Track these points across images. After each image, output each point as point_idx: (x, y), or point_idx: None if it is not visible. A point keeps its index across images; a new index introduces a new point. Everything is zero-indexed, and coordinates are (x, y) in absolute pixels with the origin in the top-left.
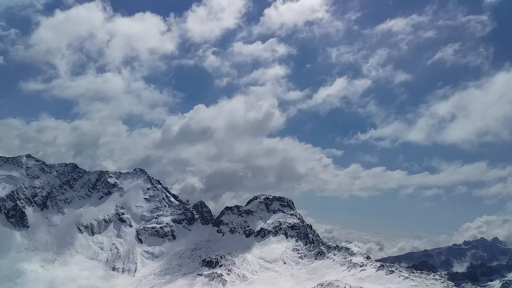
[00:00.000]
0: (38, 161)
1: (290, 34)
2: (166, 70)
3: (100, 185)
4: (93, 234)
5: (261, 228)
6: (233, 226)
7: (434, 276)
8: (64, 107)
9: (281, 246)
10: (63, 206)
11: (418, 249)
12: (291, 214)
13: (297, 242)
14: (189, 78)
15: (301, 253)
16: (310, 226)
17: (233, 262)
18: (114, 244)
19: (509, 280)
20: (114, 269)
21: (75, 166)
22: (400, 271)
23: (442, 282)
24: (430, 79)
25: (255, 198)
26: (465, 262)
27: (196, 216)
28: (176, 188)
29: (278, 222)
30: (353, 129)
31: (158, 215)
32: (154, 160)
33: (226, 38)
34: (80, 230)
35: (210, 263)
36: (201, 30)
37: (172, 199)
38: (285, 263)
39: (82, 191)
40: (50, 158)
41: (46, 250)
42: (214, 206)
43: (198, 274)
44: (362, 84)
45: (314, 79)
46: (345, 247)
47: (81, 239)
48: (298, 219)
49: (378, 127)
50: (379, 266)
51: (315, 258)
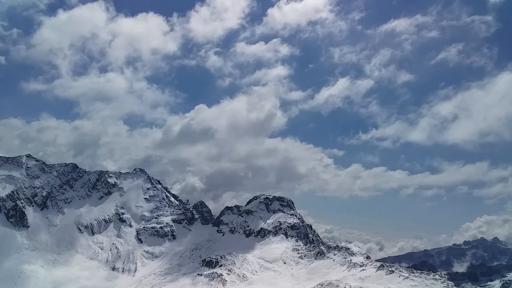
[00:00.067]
0: (38, 161)
1: (293, 34)
2: (168, 70)
3: (100, 185)
4: (93, 234)
5: (261, 228)
6: (233, 226)
7: (434, 276)
8: (65, 107)
9: (281, 246)
10: (63, 206)
11: (418, 249)
12: (291, 214)
13: (297, 242)
14: (191, 78)
15: (301, 253)
16: (310, 226)
17: (233, 262)
18: (114, 244)
19: (509, 280)
20: (114, 269)
21: (75, 166)
22: (400, 271)
23: (442, 282)
24: (433, 80)
25: (255, 198)
26: (465, 262)
27: (196, 216)
28: (176, 188)
29: (278, 222)
30: (354, 129)
31: (158, 215)
32: (154, 160)
33: (229, 38)
34: (80, 230)
35: (210, 263)
36: (204, 30)
37: (172, 199)
38: (285, 263)
39: (82, 191)
40: (50, 158)
41: (46, 250)
42: (214, 206)
43: (198, 274)
44: (364, 84)
45: (316, 79)
46: (345, 247)
47: (81, 239)
48: (298, 219)
49: (380, 127)
50: (379, 266)
51: (315, 258)
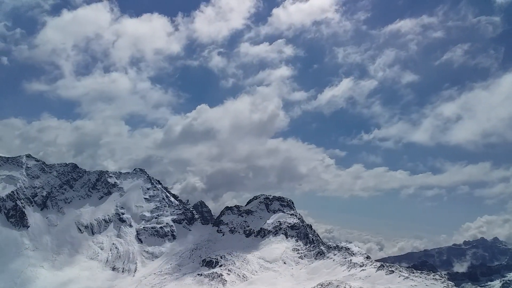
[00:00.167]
0: (38, 161)
1: (298, 34)
2: (172, 70)
3: (100, 185)
4: (93, 234)
5: (261, 228)
6: (233, 226)
7: (434, 276)
8: (67, 107)
9: (281, 246)
10: (63, 206)
11: (418, 249)
12: (291, 214)
13: (297, 242)
14: (194, 79)
15: (301, 253)
16: (310, 226)
17: (233, 262)
18: (114, 244)
19: (509, 280)
20: (114, 269)
21: (75, 166)
22: (400, 271)
23: (442, 282)
24: (438, 80)
25: (255, 198)
26: (465, 262)
27: (196, 216)
28: (177, 188)
29: (278, 222)
30: (357, 129)
31: (158, 215)
32: (155, 160)
33: (233, 39)
34: (80, 230)
35: (210, 263)
36: (208, 30)
37: (172, 199)
38: (285, 263)
39: (82, 191)
40: (51, 158)
41: (46, 250)
42: (214, 206)
43: (198, 274)
44: (368, 84)
45: (320, 80)
46: (345, 247)
47: (81, 239)
48: (298, 219)
49: (382, 128)
50: (379, 266)
51: (315, 258)
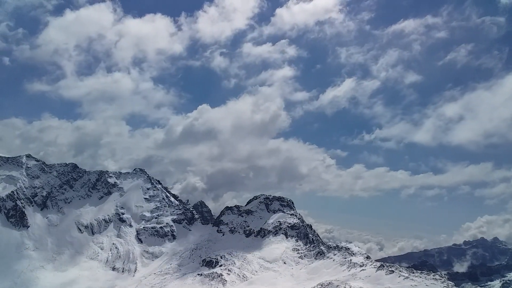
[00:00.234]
0: (38, 161)
1: (301, 34)
2: (174, 71)
3: (100, 185)
4: (93, 234)
5: (261, 228)
6: (233, 226)
7: (434, 276)
8: (68, 108)
9: (281, 246)
10: (63, 206)
11: (418, 249)
12: (291, 214)
13: (297, 242)
14: (197, 79)
15: (301, 253)
16: (310, 226)
17: (233, 262)
18: (114, 244)
19: (509, 280)
20: (114, 269)
21: (75, 166)
22: (400, 271)
23: (442, 282)
24: (440, 80)
25: (255, 198)
26: (465, 262)
27: (196, 216)
28: (177, 187)
29: (278, 222)
30: (358, 129)
31: (158, 215)
32: (155, 160)
33: (236, 39)
34: (80, 230)
35: (210, 263)
36: (211, 30)
37: (172, 199)
38: (285, 263)
39: (82, 191)
40: (51, 158)
41: (46, 250)
42: (214, 206)
43: (198, 274)
44: (370, 85)
45: (322, 80)
46: (345, 247)
47: (81, 239)
48: (298, 219)
49: (384, 128)
50: (379, 266)
51: (315, 258)
